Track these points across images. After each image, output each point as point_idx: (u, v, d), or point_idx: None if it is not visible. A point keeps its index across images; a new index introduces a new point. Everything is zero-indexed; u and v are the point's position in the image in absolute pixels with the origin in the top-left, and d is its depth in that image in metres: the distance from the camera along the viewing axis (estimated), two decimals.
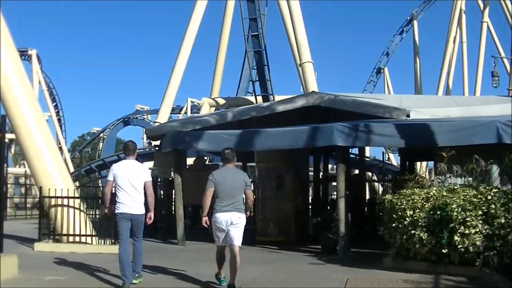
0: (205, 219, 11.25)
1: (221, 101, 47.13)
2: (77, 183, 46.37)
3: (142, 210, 11.59)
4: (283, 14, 47.08)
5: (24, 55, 67.82)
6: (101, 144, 77.27)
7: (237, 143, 17.59)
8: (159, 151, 22.31)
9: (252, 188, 24.39)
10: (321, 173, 25.96)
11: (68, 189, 16.84)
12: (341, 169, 16.82)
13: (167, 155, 20.91)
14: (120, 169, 11.59)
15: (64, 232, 17.04)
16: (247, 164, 27.82)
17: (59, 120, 75.62)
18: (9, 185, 38.13)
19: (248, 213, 11.64)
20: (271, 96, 42.57)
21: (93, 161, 51.40)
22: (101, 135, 79.05)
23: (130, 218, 11.44)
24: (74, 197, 17.03)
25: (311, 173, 25.75)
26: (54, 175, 17.20)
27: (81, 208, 17.25)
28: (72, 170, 59.10)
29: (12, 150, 76.60)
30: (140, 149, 44.62)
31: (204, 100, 48.61)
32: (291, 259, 16.43)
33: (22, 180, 47.65)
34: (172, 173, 22.45)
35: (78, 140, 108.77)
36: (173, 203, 22.82)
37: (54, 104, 75.51)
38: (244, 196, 11.43)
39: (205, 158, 27.15)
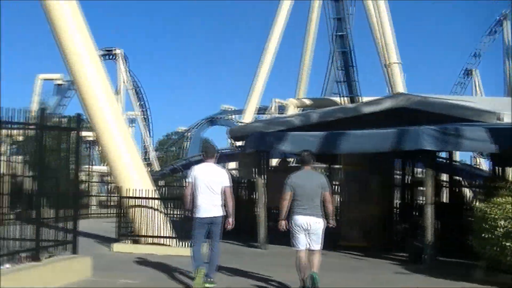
0: (283, 222, 11.10)
1: (307, 102, 46.95)
2: (161, 182, 47.36)
3: (220, 213, 11.41)
4: (370, 14, 46.51)
5: (110, 54, 68.79)
6: (186, 143, 77.67)
7: (321, 145, 17.25)
8: (242, 152, 22.03)
9: (337, 190, 24.20)
10: (407, 177, 25.20)
11: (147, 190, 16.70)
12: (429, 174, 16.21)
13: (250, 156, 20.52)
14: (200, 172, 11.48)
15: (143, 233, 16.92)
16: (332, 166, 27.36)
17: (145, 119, 76.46)
18: (94, 183, 38.38)
19: (331, 221, 11.20)
20: (358, 97, 42.04)
21: (177, 160, 51.59)
22: (187, 134, 79.49)
23: (207, 222, 11.34)
24: (153, 198, 16.85)
25: (397, 176, 25.19)
26: (134, 175, 17.10)
27: (161, 209, 17.08)
28: (157, 169, 59.73)
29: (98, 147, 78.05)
30: (225, 150, 44.70)
31: (290, 101, 48.49)
32: (374, 267, 15.87)
33: (108, 178, 48.11)
34: None
35: (164, 139, 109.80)
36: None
37: (141, 103, 76.33)
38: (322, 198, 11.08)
39: (289, 159, 26.62)
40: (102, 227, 22.40)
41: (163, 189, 44.37)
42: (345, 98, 42.76)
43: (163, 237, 16.84)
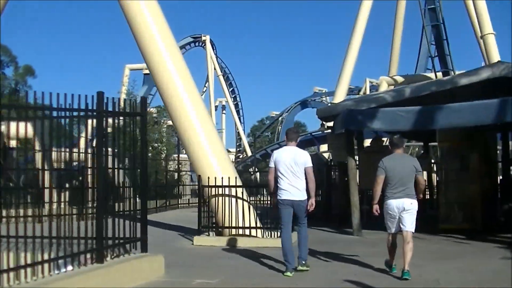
0: (375, 206, 11.08)
1: (400, 79, 45.64)
2: (252, 169, 46.78)
3: (303, 196, 11.38)
4: None
5: (197, 41, 69.10)
6: (279, 127, 77.06)
7: (416, 121, 16.15)
8: (332, 133, 20.88)
9: (434, 169, 22.76)
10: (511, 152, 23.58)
11: (229, 178, 15.51)
12: None
13: (341, 137, 19.32)
14: (281, 155, 11.49)
15: (226, 224, 15.76)
16: (429, 144, 25.89)
17: (236, 105, 76.40)
18: (185, 172, 37.93)
19: (421, 195, 11.37)
20: (452, 72, 40.41)
21: (268, 145, 50.73)
22: (280, 118, 78.94)
23: (291, 205, 11.35)
24: (236, 186, 15.64)
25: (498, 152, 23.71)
26: (213, 163, 16.07)
27: (244, 197, 15.92)
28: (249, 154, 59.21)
29: None
30: (317, 132, 43.77)
31: (382, 79, 47.36)
32: (480, 252, 14.40)
33: None
34: None
35: (257, 125, 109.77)
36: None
37: (231, 89, 76.20)
38: (415, 182, 11.00)
39: (383, 139, 25.26)
40: (189, 217, 21.67)
41: (252, 175, 44.49)
42: (439, 73, 41.18)
43: (247, 227, 15.70)
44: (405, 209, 10.74)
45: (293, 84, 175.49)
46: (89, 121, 10.05)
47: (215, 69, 69.60)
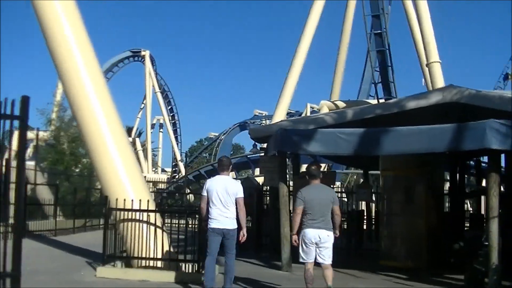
0: (295, 237, 11.30)
1: (341, 104, 44.36)
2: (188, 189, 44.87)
3: (233, 225, 11.46)
4: (408, 12, 44.01)
5: (137, 56, 67.55)
6: (217, 149, 75.52)
7: (358, 145, 14.38)
8: (265, 155, 18.89)
9: (375, 199, 21.08)
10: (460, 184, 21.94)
11: (147, 200, 13.36)
12: (494, 180, 12.98)
13: (274, 159, 17.34)
14: (213, 184, 11.60)
15: (136, 254, 13.48)
16: (368, 172, 24.16)
17: (174, 124, 74.94)
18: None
19: (337, 232, 11.38)
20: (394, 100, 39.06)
21: (202, 166, 48.74)
22: (218, 140, 77.43)
23: (221, 233, 11.36)
24: (149, 211, 13.46)
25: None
26: (126, 182, 13.90)
27: (159, 224, 13.74)
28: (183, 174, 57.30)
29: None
30: (252, 155, 42.17)
31: (322, 103, 46.14)
32: None
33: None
34: None
35: (196, 145, 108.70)
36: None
37: (169, 107, 74.56)
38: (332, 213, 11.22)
39: (322, 164, 23.45)
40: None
41: (179, 198, 42.48)
42: (381, 100, 40.07)
43: (161, 259, 13.53)
44: (321, 241, 10.98)
45: (234, 106, 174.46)
46: None
47: (153, 85, 67.84)
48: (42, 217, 25.64)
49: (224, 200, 11.32)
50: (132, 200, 13.31)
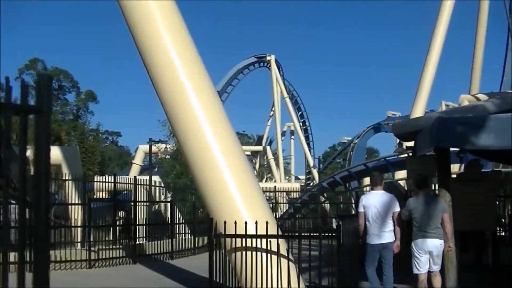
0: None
1: (483, 97, 40.50)
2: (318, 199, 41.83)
3: (392, 238, 11.70)
4: None
5: (262, 61, 65.48)
6: (351, 153, 72.16)
7: None
8: (412, 156, 15.32)
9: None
10: None
11: (266, 223, 9.93)
12: None
13: (425, 160, 13.77)
14: (369, 200, 11.85)
15: None
16: None
17: (305, 130, 72.05)
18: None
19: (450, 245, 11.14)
20: None
21: (336, 173, 45.48)
22: (351, 144, 74.04)
23: (379, 249, 11.63)
24: (269, 236, 10.04)
25: None
26: (237, 199, 10.65)
27: (283, 252, 10.14)
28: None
29: (257, 162, 73.82)
30: (390, 157, 39.03)
31: (463, 98, 42.53)
32: None
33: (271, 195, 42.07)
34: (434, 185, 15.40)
35: (328, 151, 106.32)
36: None
37: (300, 113, 71.83)
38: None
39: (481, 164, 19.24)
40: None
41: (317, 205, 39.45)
42: None
43: None
44: (436, 249, 11.06)
45: (365, 109, 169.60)
46: None
47: (281, 91, 65.42)
48: (158, 238, 23.04)
49: (382, 216, 11.61)
50: (246, 223, 10.05)
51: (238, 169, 10.91)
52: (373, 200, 11.76)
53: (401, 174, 39.15)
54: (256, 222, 9.96)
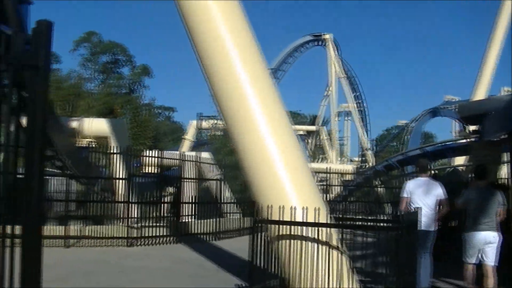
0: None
1: None
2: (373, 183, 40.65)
3: (432, 227, 11.43)
4: None
5: (318, 40, 64.15)
6: (407, 137, 70.58)
7: None
8: (478, 140, 14.20)
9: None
10: None
11: (316, 209, 8.80)
12: None
13: (490, 145, 12.75)
14: (414, 187, 11.66)
15: (298, 285, 8.98)
16: None
17: (361, 111, 70.48)
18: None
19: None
20: None
21: (391, 157, 44.25)
22: (407, 127, 72.38)
23: (422, 234, 10.94)
24: (319, 224, 8.85)
25: None
26: (285, 182, 9.53)
27: (334, 243, 9.06)
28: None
29: (310, 142, 72.78)
30: (448, 142, 37.85)
31: None
32: None
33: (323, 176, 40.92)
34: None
35: (384, 134, 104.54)
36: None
37: (356, 94, 70.35)
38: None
39: None
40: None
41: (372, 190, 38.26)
42: None
43: None
44: (490, 242, 10.75)
45: (422, 92, 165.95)
46: None
47: (337, 71, 64.08)
48: (206, 217, 22.20)
49: (428, 203, 11.37)
50: (294, 208, 8.97)
51: (287, 150, 9.90)
52: (420, 186, 11.66)
53: (460, 160, 37.84)
54: (305, 208, 8.91)
